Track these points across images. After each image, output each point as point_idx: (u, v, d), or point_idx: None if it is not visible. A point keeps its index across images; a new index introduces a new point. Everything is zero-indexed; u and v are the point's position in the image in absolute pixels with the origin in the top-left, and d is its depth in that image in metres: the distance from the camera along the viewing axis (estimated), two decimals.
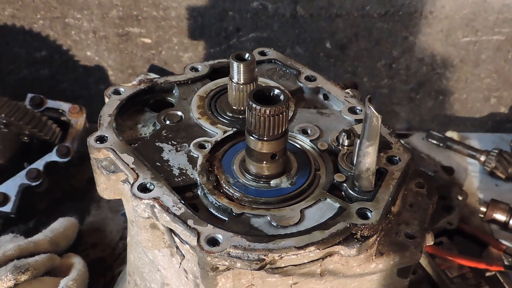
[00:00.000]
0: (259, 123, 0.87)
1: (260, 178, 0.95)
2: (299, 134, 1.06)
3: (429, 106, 2.19)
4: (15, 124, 1.73)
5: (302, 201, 0.93)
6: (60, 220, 1.64)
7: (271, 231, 0.87)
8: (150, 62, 2.09)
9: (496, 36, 2.00)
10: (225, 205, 0.92)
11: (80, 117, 1.89)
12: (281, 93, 0.89)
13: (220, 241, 0.82)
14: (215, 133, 1.05)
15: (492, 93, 2.15)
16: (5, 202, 1.67)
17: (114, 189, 1.00)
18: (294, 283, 0.88)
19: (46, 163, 1.75)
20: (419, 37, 2.00)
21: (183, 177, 0.96)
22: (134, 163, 0.96)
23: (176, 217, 0.86)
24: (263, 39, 2.01)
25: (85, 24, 2.00)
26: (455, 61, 2.06)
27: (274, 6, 1.94)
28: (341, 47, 2.04)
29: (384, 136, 1.04)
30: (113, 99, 1.10)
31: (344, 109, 1.12)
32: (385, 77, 2.11)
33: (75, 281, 1.40)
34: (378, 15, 1.95)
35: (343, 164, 0.99)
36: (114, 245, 1.70)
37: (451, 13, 1.94)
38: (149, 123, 1.11)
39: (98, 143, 1.00)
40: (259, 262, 0.81)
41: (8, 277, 1.33)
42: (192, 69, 1.20)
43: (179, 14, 1.97)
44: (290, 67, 1.23)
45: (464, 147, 2.04)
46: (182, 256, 0.92)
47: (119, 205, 1.73)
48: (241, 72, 1.02)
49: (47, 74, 2.13)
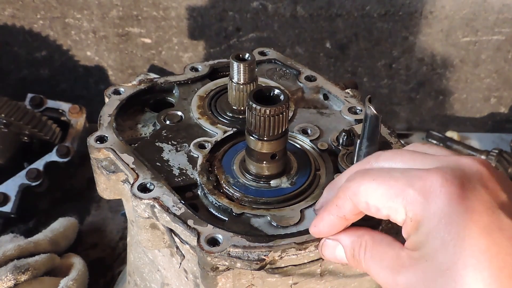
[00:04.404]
0: (259, 123, 0.87)
1: (260, 178, 0.95)
2: (299, 134, 1.06)
3: (429, 106, 2.19)
4: (15, 124, 1.73)
5: (302, 201, 0.93)
6: (60, 220, 1.64)
7: (271, 231, 0.87)
8: (150, 62, 2.09)
9: (496, 36, 2.00)
10: (225, 205, 0.92)
11: (80, 117, 1.89)
12: (281, 93, 0.89)
13: (220, 241, 0.82)
14: (215, 133, 1.05)
15: (492, 93, 2.15)
16: (5, 202, 1.67)
17: (114, 189, 1.00)
18: (294, 283, 0.88)
19: (46, 163, 1.75)
20: (419, 37, 2.00)
21: (183, 177, 0.97)
22: (134, 163, 0.96)
23: (176, 217, 0.86)
24: (263, 39, 2.01)
25: (85, 24, 2.00)
26: (455, 61, 2.06)
27: (274, 6, 1.94)
28: (341, 47, 2.04)
29: (384, 136, 1.04)
30: (113, 99, 1.10)
31: (344, 109, 1.12)
32: (385, 77, 2.11)
33: (75, 281, 1.40)
34: (378, 15, 1.95)
35: (343, 164, 0.99)
36: (114, 245, 1.70)
37: (451, 13, 1.94)
38: (149, 123, 1.11)
39: (98, 143, 1.00)
40: (259, 262, 0.81)
41: (8, 277, 1.33)
42: (192, 69, 1.20)
43: (179, 14, 1.97)
44: (290, 67, 1.23)
45: (464, 147, 2.04)
46: (182, 256, 0.92)
47: (119, 205, 1.73)
48: (241, 72, 1.02)
49: (47, 74, 2.13)
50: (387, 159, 0.75)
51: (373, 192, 0.70)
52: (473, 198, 0.64)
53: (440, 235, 0.63)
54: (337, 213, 0.75)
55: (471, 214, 0.62)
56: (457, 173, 0.66)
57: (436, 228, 0.64)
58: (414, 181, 0.67)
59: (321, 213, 0.78)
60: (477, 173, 0.67)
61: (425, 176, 0.66)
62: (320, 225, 0.77)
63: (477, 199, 0.64)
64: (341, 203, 0.74)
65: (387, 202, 0.69)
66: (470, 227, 0.62)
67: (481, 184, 0.65)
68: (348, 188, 0.73)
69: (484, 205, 0.63)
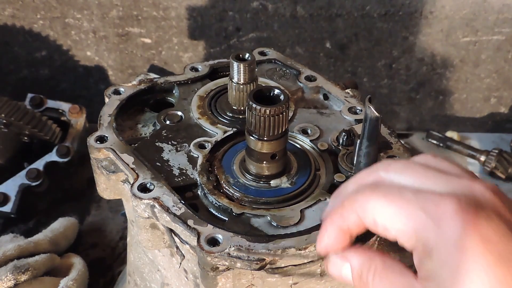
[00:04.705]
0: (259, 123, 0.87)
1: (260, 178, 0.95)
2: (299, 134, 1.06)
3: (429, 106, 2.19)
4: (15, 124, 1.73)
5: (302, 201, 0.93)
6: (60, 220, 1.64)
7: (271, 231, 0.88)
8: (150, 62, 2.09)
9: (496, 36, 2.00)
10: (225, 205, 0.92)
11: (80, 117, 1.89)
12: (281, 93, 0.89)
13: (220, 241, 0.82)
14: (215, 133, 1.05)
15: (492, 93, 2.15)
16: (5, 202, 1.67)
17: (114, 189, 1.00)
18: (294, 283, 0.88)
19: (46, 163, 1.75)
20: (419, 37, 2.00)
21: (183, 177, 0.97)
22: (134, 163, 0.96)
23: (176, 217, 0.86)
24: (263, 39, 2.01)
25: (85, 24, 2.00)
26: (455, 61, 2.06)
27: (274, 6, 1.94)
28: (341, 47, 2.04)
29: (384, 136, 1.04)
30: (113, 99, 1.10)
31: (344, 109, 1.12)
32: (385, 77, 2.11)
33: (75, 281, 1.40)
34: (378, 15, 1.95)
35: (343, 164, 0.99)
36: (114, 245, 1.70)
37: (451, 13, 1.94)
38: (149, 123, 1.11)
39: (98, 143, 1.00)
40: (259, 262, 0.81)
41: (8, 277, 1.33)
42: (192, 69, 1.20)
43: (179, 14, 1.97)
44: (290, 67, 1.23)
45: (464, 147, 2.04)
46: (182, 256, 0.92)
47: (119, 205, 1.72)
48: (241, 72, 1.02)
49: (47, 74, 2.13)
50: (397, 171, 0.72)
51: (383, 211, 0.68)
52: (488, 227, 0.62)
53: (454, 265, 0.61)
54: (341, 223, 0.72)
55: (486, 243, 0.61)
56: (471, 200, 0.64)
57: (450, 257, 0.62)
58: (427, 205, 0.64)
59: (325, 223, 0.75)
60: (490, 200, 0.65)
61: (438, 201, 0.64)
62: (325, 237, 0.74)
63: (492, 227, 0.62)
64: (346, 214, 0.72)
65: (397, 224, 0.66)
66: (486, 257, 0.60)
67: (494, 212, 0.64)
68: (356, 201, 0.71)
69: (498, 233, 0.62)
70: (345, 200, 0.73)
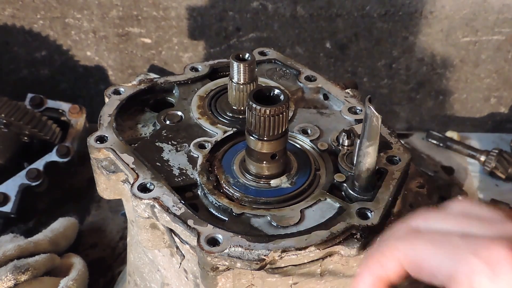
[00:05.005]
0: (259, 123, 0.87)
1: (260, 178, 0.95)
2: (299, 134, 1.06)
3: (429, 106, 2.19)
4: (15, 124, 1.73)
5: (302, 201, 0.93)
6: (60, 220, 1.64)
7: (271, 231, 0.87)
8: (150, 62, 2.09)
9: (496, 36, 2.00)
10: (225, 205, 0.92)
11: (80, 117, 1.89)
12: (281, 93, 0.89)
13: (220, 241, 0.82)
14: (215, 133, 1.05)
15: (492, 93, 2.15)
16: (5, 202, 1.67)
17: (114, 189, 1.00)
18: (294, 283, 0.88)
19: (46, 163, 1.75)
20: (419, 37, 2.00)
21: (183, 177, 0.97)
22: (134, 163, 0.96)
23: (176, 217, 0.86)
24: (263, 39, 2.01)
25: (85, 24, 2.00)
26: (455, 61, 2.06)
27: (274, 6, 1.94)
28: (341, 47, 2.04)
29: (384, 136, 1.04)
30: (113, 99, 1.10)
31: (344, 109, 1.12)
32: (385, 77, 2.11)
33: (75, 281, 1.40)
34: (378, 15, 1.95)
35: (343, 164, 0.99)
36: (114, 245, 1.70)
37: (451, 13, 1.94)
38: (149, 123, 1.11)
39: (98, 143, 1.00)
40: (259, 262, 0.81)
41: (8, 277, 1.33)
42: (192, 69, 1.20)
43: (179, 14, 1.97)
44: (290, 67, 1.23)
45: (464, 147, 2.04)
46: (182, 256, 0.92)
47: (119, 205, 1.72)
48: (241, 72, 1.02)
49: (47, 74, 2.13)
50: (439, 220, 0.70)
51: (430, 257, 0.65)
52: None
53: None
54: (380, 272, 0.70)
55: None
56: None
57: None
58: (479, 249, 0.63)
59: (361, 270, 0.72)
60: None
61: (489, 245, 0.63)
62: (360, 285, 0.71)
63: None
64: (386, 261, 0.69)
65: (447, 270, 0.64)
66: None
67: None
68: (397, 248, 0.69)
69: None
70: (384, 247, 0.70)
